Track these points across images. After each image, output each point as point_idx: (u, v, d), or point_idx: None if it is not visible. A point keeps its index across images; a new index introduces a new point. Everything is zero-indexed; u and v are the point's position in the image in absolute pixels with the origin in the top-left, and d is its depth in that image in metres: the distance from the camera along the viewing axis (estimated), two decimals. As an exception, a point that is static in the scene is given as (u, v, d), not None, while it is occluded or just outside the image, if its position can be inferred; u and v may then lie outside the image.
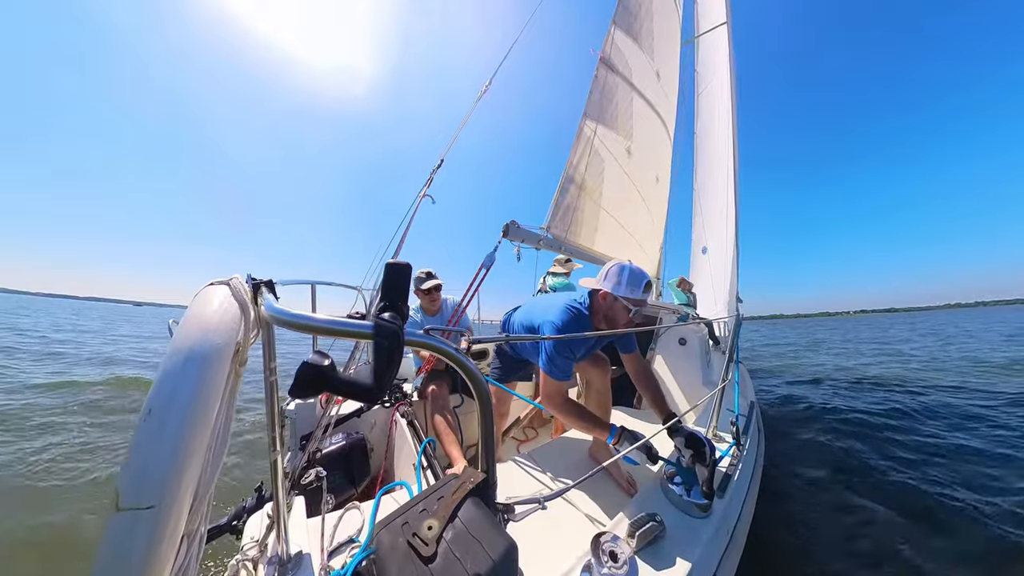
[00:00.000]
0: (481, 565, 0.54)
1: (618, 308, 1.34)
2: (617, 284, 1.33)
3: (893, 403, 5.26)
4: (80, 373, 6.81)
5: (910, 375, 7.87)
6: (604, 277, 1.37)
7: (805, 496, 2.77)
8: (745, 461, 1.51)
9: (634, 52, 2.94)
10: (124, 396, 5.44)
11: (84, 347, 10.73)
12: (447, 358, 0.56)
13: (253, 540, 0.91)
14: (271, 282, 0.68)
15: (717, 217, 3.54)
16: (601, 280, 1.38)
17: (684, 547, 0.98)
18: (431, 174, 2.61)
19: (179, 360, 0.49)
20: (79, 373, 6.81)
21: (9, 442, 3.50)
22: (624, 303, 1.32)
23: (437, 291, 2.30)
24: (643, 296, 1.33)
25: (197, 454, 0.48)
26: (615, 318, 1.36)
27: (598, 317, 1.41)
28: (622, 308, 1.33)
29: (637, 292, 1.32)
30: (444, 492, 0.65)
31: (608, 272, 1.37)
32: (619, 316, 1.35)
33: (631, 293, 1.31)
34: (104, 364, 8.13)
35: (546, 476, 1.43)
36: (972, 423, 4.40)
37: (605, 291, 1.35)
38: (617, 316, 1.35)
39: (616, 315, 1.35)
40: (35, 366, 7.31)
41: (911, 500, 2.60)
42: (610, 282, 1.34)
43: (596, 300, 1.40)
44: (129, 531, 0.42)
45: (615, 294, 1.33)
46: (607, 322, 1.40)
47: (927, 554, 2.08)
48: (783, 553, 2.12)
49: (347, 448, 1.77)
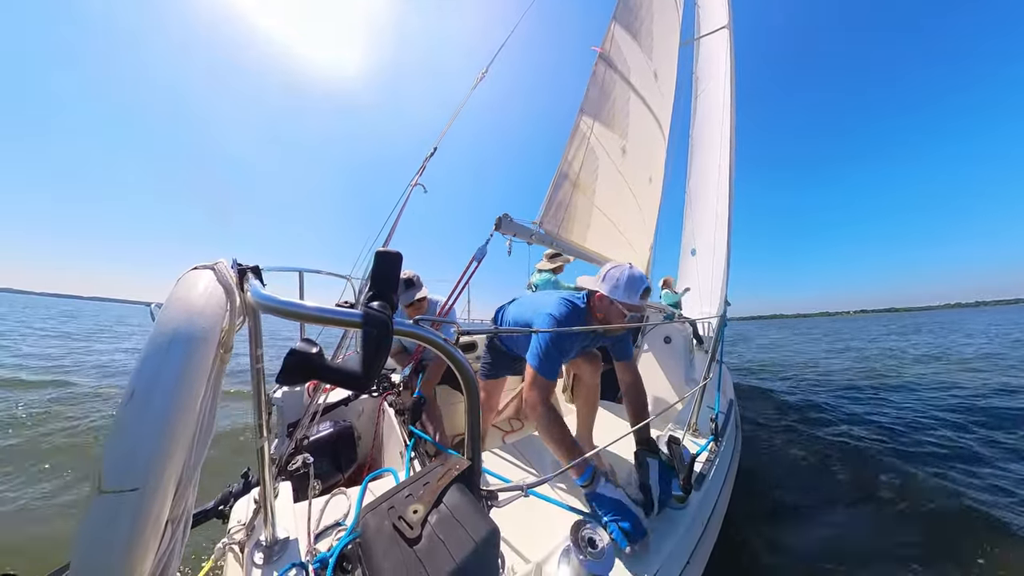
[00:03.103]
0: (464, 547, 0.56)
1: (614, 312, 1.32)
2: (615, 288, 1.31)
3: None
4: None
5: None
6: (603, 279, 1.35)
7: (777, 489, 2.92)
8: (722, 456, 1.58)
9: (633, 51, 2.93)
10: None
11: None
12: (435, 348, 0.57)
13: (240, 524, 0.92)
14: (258, 268, 0.67)
15: (708, 220, 3.59)
16: (600, 282, 1.36)
17: (661, 536, 1.03)
18: (424, 162, 2.58)
19: (163, 342, 0.48)
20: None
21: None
22: (620, 307, 1.31)
23: (423, 301, 2.11)
24: (640, 302, 1.31)
25: (182, 437, 0.48)
26: (610, 322, 1.34)
27: (594, 319, 1.40)
28: (618, 312, 1.32)
29: (634, 298, 1.30)
30: (430, 478, 0.66)
31: (607, 274, 1.35)
32: (614, 320, 1.33)
33: (628, 298, 1.30)
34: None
35: (530, 466, 1.46)
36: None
37: (602, 293, 1.34)
38: (612, 320, 1.34)
39: (612, 318, 1.34)
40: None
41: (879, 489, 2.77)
42: (608, 285, 1.33)
43: (593, 301, 1.39)
44: (112, 514, 0.41)
45: (612, 297, 1.31)
46: (603, 321, 1.38)
47: (894, 546, 2.21)
48: (753, 543, 2.24)
49: (334, 436, 1.77)
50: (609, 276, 1.34)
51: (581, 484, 1.09)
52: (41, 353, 9.07)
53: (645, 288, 1.32)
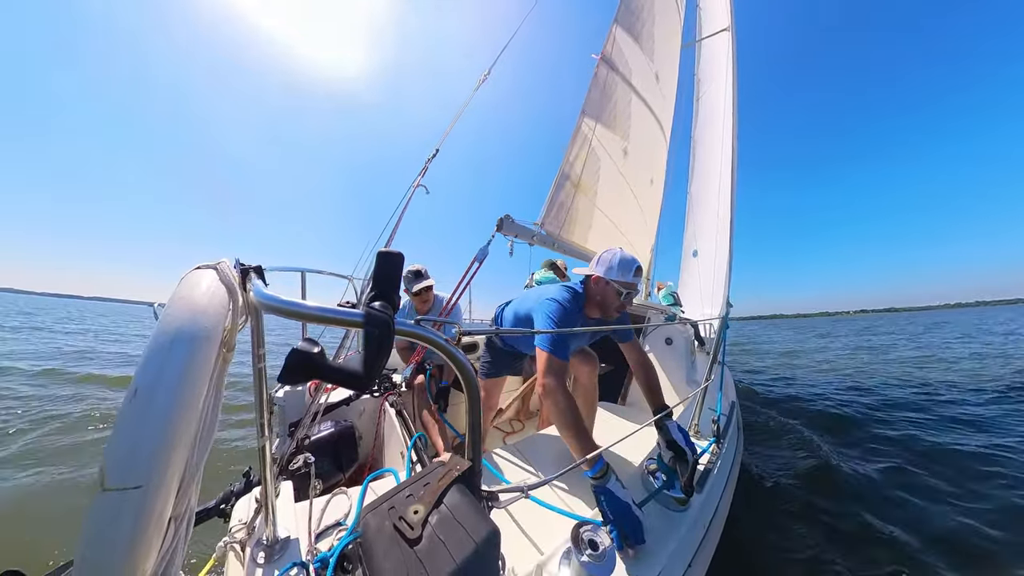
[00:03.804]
0: (464, 548, 0.55)
1: (610, 291, 1.40)
2: (609, 268, 1.39)
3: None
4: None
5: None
6: (597, 263, 1.44)
7: (779, 492, 2.90)
8: (724, 458, 1.57)
9: (635, 52, 2.93)
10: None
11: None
12: (436, 348, 0.57)
13: (241, 523, 0.92)
14: (260, 268, 0.67)
15: (709, 221, 3.58)
16: (594, 266, 1.45)
17: (662, 538, 1.02)
18: (426, 163, 2.59)
19: (166, 341, 0.48)
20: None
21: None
22: (616, 286, 1.38)
23: (428, 291, 2.24)
24: (633, 280, 1.40)
25: (184, 436, 0.48)
26: (607, 302, 1.42)
27: (592, 302, 1.47)
28: (613, 291, 1.39)
29: (628, 276, 1.38)
30: (431, 479, 0.66)
31: (600, 258, 1.44)
32: (611, 299, 1.41)
33: (622, 276, 1.38)
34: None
35: (531, 467, 1.46)
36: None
37: (597, 275, 1.41)
38: (609, 299, 1.42)
39: (608, 298, 1.42)
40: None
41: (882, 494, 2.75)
42: (603, 267, 1.41)
43: (589, 285, 1.46)
44: (115, 511, 0.41)
45: (607, 278, 1.39)
46: (600, 307, 1.46)
47: (894, 548, 2.20)
48: (755, 544, 2.22)
49: (336, 436, 1.77)
50: (603, 259, 1.43)
51: (592, 476, 1.06)
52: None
53: (637, 267, 1.40)
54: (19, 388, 5.44)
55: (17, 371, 6.55)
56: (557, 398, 1.19)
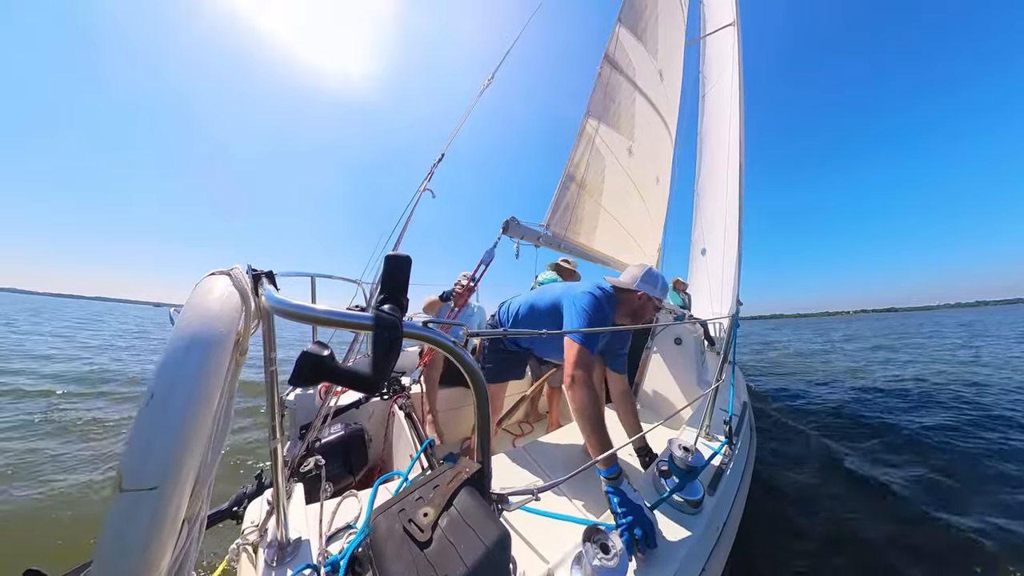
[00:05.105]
0: (474, 551, 0.55)
1: (650, 308, 1.53)
2: (653, 287, 1.51)
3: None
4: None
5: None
6: (640, 279, 1.52)
7: (795, 495, 2.82)
8: (736, 460, 1.53)
9: (638, 52, 2.92)
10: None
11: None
12: (444, 351, 0.57)
13: (253, 525, 0.93)
14: (271, 273, 0.68)
15: (718, 219, 3.53)
16: (636, 282, 1.53)
17: (675, 542, 1.00)
18: (432, 168, 2.61)
19: (181, 347, 0.49)
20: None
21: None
22: (655, 303, 1.53)
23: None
24: (666, 297, 1.58)
25: (199, 438, 0.49)
26: (642, 315, 1.54)
27: (624, 310, 1.54)
28: (652, 308, 1.54)
29: (665, 295, 1.57)
30: (440, 481, 0.66)
31: (644, 275, 1.54)
32: (648, 314, 1.54)
33: (663, 295, 1.55)
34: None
35: (540, 469, 1.45)
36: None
37: (644, 292, 1.50)
38: (647, 313, 1.54)
39: (646, 313, 1.54)
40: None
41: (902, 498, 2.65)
42: (648, 284, 1.51)
43: (629, 297, 1.54)
44: (132, 511, 0.42)
45: (650, 295, 1.50)
46: (632, 317, 1.55)
47: (909, 557, 2.12)
48: (771, 548, 2.17)
49: (346, 438, 1.79)
50: (647, 276, 1.53)
51: (607, 476, 1.06)
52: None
53: (665, 286, 1.57)
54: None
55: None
56: (584, 391, 1.20)
